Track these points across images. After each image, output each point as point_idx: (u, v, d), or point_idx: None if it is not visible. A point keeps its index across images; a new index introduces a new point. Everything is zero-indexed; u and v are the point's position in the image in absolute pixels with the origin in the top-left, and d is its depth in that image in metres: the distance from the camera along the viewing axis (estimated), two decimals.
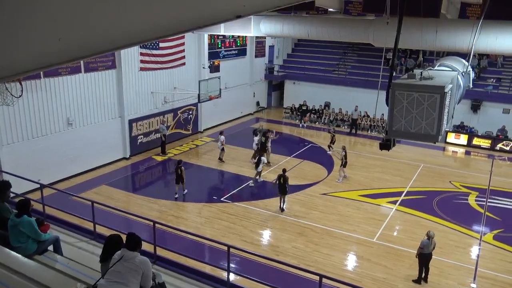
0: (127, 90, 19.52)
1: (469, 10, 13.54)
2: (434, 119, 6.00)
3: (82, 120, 17.69)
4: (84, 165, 17.78)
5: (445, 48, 13.88)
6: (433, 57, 26.50)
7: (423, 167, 20.33)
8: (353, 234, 13.91)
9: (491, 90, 24.74)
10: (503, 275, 11.89)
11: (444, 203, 16.42)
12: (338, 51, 30.94)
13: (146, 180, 19.21)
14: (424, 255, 11.13)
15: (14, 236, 6.62)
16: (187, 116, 23.95)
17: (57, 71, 16.06)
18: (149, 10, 2.14)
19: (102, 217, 10.30)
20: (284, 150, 21.93)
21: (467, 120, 24.74)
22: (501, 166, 21.56)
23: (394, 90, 6.17)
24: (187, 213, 15.23)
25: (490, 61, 26.29)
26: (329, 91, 28.70)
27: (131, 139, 20.22)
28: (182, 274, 7.81)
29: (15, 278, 5.49)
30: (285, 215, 15.12)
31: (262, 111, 31.19)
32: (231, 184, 18.02)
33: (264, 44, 30.18)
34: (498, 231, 14.40)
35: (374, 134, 26.01)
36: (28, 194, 12.42)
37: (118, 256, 5.18)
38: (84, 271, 6.28)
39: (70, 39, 1.93)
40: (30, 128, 15.64)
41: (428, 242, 10.98)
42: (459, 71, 7.88)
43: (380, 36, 14.16)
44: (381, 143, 7.04)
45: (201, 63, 23.91)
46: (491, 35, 11.97)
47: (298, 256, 12.45)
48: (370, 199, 16.61)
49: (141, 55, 20.08)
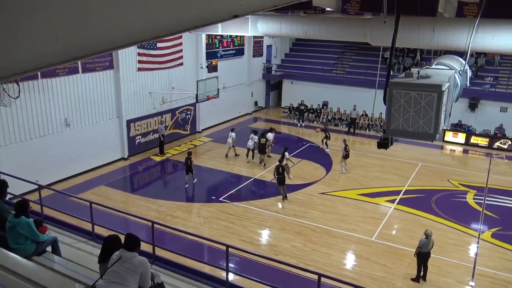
0: (125, 91, 19.50)
1: (466, 9, 13.55)
2: (432, 118, 6.01)
3: (80, 120, 17.66)
4: (82, 165, 17.76)
5: (442, 46, 13.90)
6: (431, 56, 26.47)
7: (421, 166, 20.37)
8: (351, 233, 13.93)
9: (488, 88, 24.80)
10: (502, 273, 11.93)
11: (443, 202, 16.46)
12: (336, 51, 30.96)
13: (144, 180, 19.20)
14: (422, 254, 11.14)
15: (12, 238, 6.62)
16: (185, 116, 23.93)
17: (54, 71, 16.03)
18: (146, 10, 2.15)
19: (100, 217, 10.30)
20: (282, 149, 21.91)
21: (465, 118, 24.80)
22: (498, 164, 21.61)
23: (392, 89, 6.18)
24: (185, 213, 15.23)
25: (488, 59, 26.35)
26: (327, 91, 28.71)
27: (129, 140, 20.20)
28: (181, 274, 7.81)
29: (13, 279, 5.48)
30: (284, 214, 15.13)
31: (260, 110, 31.19)
32: (230, 184, 18.02)
33: (261, 43, 30.17)
34: (496, 229, 14.44)
35: (372, 133, 26.05)
36: (26, 195, 12.41)
37: (116, 257, 5.18)
38: (82, 272, 6.28)
39: (68, 39, 1.93)
40: (28, 129, 15.61)
41: (426, 241, 11.00)
42: (457, 70, 7.89)
43: (378, 35, 14.17)
44: (379, 142, 7.06)
45: (199, 63, 23.88)
46: (488, 33, 11.99)
47: (297, 255, 12.46)
48: (368, 198, 16.64)
49: (139, 55, 20.05)
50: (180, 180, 17.88)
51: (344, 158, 19.01)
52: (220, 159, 20.59)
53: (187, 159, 17.00)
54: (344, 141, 19.49)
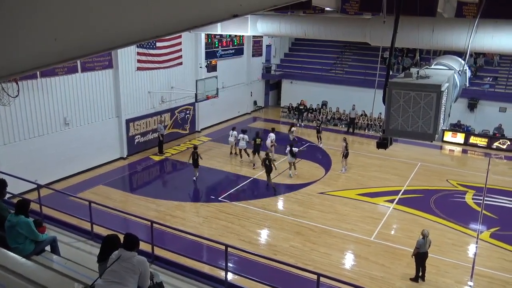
0: (124, 90, 19.48)
1: (466, 9, 13.55)
2: (431, 118, 6.01)
3: (79, 120, 17.65)
4: (81, 165, 17.75)
5: (441, 47, 13.91)
6: (430, 56, 26.54)
7: (420, 166, 20.38)
8: (350, 233, 13.94)
9: (487, 88, 24.82)
10: (500, 273, 11.94)
11: (441, 202, 16.47)
12: (335, 50, 30.97)
13: (143, 180, 19.19)
14: (420, 254, 11.17)
15: (11, 237, 6.61)
16: (185, 116, 23.93)
17: (53, 71, 16.01)
18: (146, 9, 2.14)
19: (99, 217, 10.29)
20: (281, 149, 21.90)
21: (464, 118, 24.81)
22: (497, 165, 21.64)
23: (391, 89, 6.18)
24: (185, 213, 15.22)
25: (487, 59, 26.37)
26: (326, 90, 28.72)
27: (128, 139, 20.19)
28: (180, 274, 7.80)
29: (12, 278, 5.48)
30: (282, 214, 15.14)
31: (259, 110, 31.19)
32: (229, 184, 18.03)
33: (261, 43, 30.17)
34: (495, 229, 14.45)
35: (371, 133, 26.07)
36: (25, 195, 12.38)
37: (115, 256, 5.17)
38: (81, 271, 6.27)
39: (67, 38, 1.93)
40: (27, 128, 15.59)
41: (423, 241, 11.04)
42: (456, 70, 7.89)
43: (377, 35, 14.18)
44: (378, 142, 7.06)
45: (198, 63, 23.88)
46: (487, 34, 12.00)
47: (296, 255, 12.47)
48: (367, 198, 16.65)
49: (138, 55, 20.04)
50: (179, 180, 17.89)
51: (345, 157, 19.09)
52: (219, 158, 20.59)
53: (193, 153, 17.35)
54: (344, 139, 19.61)
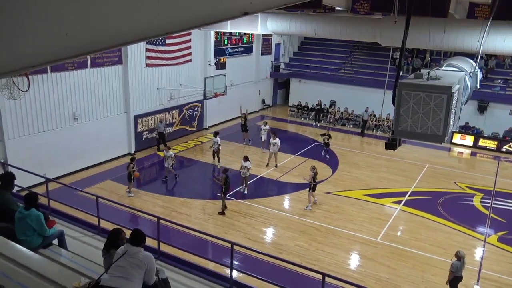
0: (133, 86, 19.56)
1: (478, 10, 13.41)
2: (441, 120, 5.95)
3: (88, 115, 17.75)
4: (89, 160, 17.86)
5: (452, 48, 13.78)
6: (441, 57, 26.34)
7: (428, 168, 20.24)
8: (356, 233, 13.89)
9: (498, 91, 24.57)
10: (507, 277, 11.84)
11: (449, 204, 16.35)
12: (345, 50, 30.82)
13: (150, 176, 19.25)
14: (456, 278, 10.09)
15: (20, 229, 6.67)
16: (192, 113, 23.96)
17: (63, 66, 16.11)
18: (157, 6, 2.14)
19: (106, 212, 10.36)
20: (288, 148, 21.89)
21: (473, 121, 24.58)
22: (506, 168, 21.41)
23: (401, 90, 6.13)
24: (191, 210, 15.26)
25: (498, 62, 26.09)
26: (335, 90, 28.58)
27: (136, 135, 20.27)
28: (185, 270, 7.83)
29: (19, 271, 5.53)
30: (288, 213, 15.12)
31: (267, 109, 31.15)
32: (235, 182, 18.01)
33: (270, 41, 30.10)
34: (502, 233, 14.32)
35: (379, 134, 25.92)
36: (33, 188, 12.49)
37: (121, 251, 5.19)
38: (88, 266, 6.32)
39: (78, 34, 1.93)
40: (36, 122, 15.72)
41: (459, 263, 9.99)
42: (467, 72, 7.81)
43: (388, 35, 14.10)
44: (387, 142, 7.02)
45: (207, 60, 23.90)
46: (499, 36, 11.88)
47: (301, 254, 12.45)
48: (374, 199, 16.57)
49: (148, 51, 20.10)
50: (186, 176, 17.94)
51: (312, 190, 15.29)
52: (226, 156, 20.58)
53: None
54: (313, 168, 15.29)
